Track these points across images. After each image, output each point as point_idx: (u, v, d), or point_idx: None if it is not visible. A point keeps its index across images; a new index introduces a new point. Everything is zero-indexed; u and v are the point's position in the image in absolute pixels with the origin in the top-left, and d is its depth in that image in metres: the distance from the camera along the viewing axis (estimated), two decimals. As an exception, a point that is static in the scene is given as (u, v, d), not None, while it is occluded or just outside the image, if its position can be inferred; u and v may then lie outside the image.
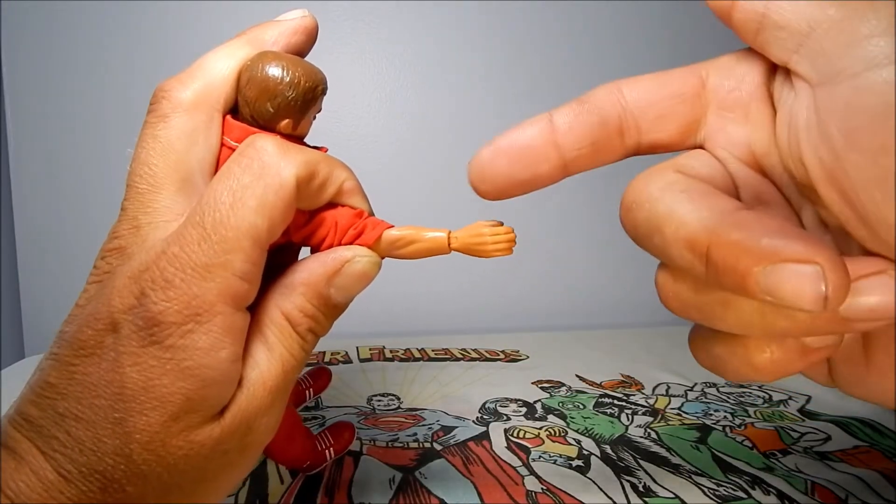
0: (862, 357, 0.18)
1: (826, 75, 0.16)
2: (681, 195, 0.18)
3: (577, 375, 0.62)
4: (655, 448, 0.44)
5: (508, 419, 0.49)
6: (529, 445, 0.44)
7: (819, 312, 0.14)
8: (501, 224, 0.22)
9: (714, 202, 0.17)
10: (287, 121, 0.21)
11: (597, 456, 0.42)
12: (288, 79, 0.21)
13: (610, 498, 0.36)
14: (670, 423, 0.49)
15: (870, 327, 0.16)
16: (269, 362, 0.20)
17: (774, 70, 0.19)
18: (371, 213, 0.23)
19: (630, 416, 0.50)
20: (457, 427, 0.47)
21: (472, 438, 0.45)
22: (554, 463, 0.41)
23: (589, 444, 0.44)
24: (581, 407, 0.53)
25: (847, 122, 0.16)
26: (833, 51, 0.16)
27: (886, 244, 0.16)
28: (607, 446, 0.44)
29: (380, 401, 0.53)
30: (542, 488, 0.37)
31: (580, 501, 0.36)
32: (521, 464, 0.41)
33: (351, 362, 0.66)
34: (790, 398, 0.55)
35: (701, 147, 0.21)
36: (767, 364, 0.18)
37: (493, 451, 0.43)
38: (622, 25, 0.92)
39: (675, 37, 0.93)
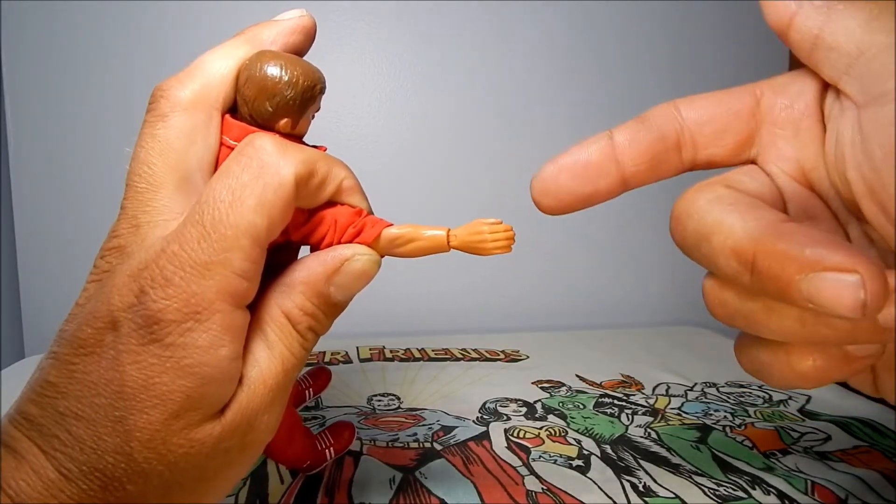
0: None
1: (872, 96, 0.17)
2: (729, 207, 0.19)
3: (578, 375, 0.62)
4: (655, 448, 0.44)
5: (508, 419, 0.49)
6: (529, 445, 0.44)
7: (858, 320, 0.15)
8: (500, 222, 0.22)
9: (761, 214, 0.18)
10: (286, 120, 0.21)
11: (597, 456, 0.42)
12: (286, 78, 0.21)
13: (610, 498, 0.36)
14: (670, 422, 0.49)
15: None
16: (269, 360, 0.20)
17: (826, 89, 0.20)
18: (370, 212, 0.23)
19: (630, 416, 0.50)
20: (457, 427, 0.47)
21: (472, 438, 0.45)
22: (554, 463, 0.41)
23: (589, 444, 0.44)
24: (581, 407, 0.53)
25: (888, 140, 0.17)
26: (879, 74, 0.17)
27: None
28: (607, 446, 0.44)
29: (380, 401, 0.53)
30: (542, 488, 0.37)
31: (580, 501, 0.36)
32: (521, 464, 0.41)
33: (351, 362, 0.66)
34: (790, 398, 0.55)
35: (753, 162, 0.22)
36: (811, 371, 0.18)
37: (494, 451, 0.43)
38: (621, 25, 0.92)
39: (676, 37, 0.94)
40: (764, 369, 0.20)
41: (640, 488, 0.37)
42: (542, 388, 0.58)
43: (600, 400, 0.54)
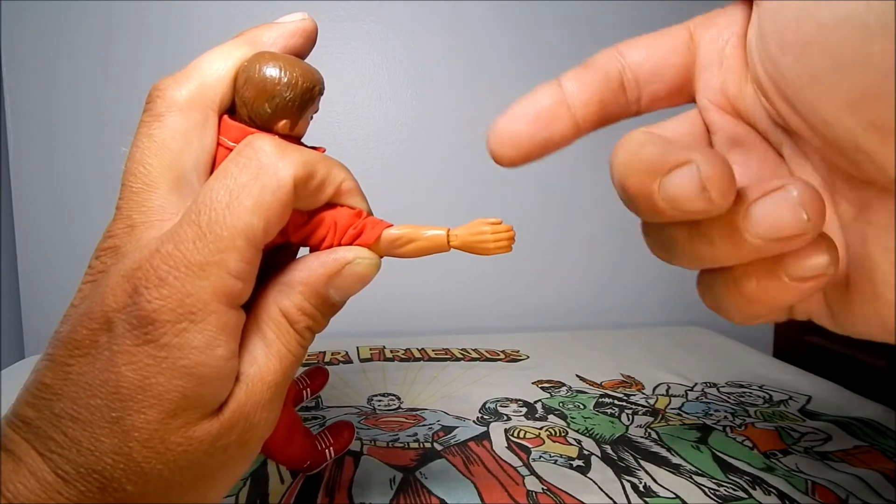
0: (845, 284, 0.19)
1: None
2: (627, 144, 0.19)
3: (578, 375, 0.62)
4: (656, 448, 0.44)
5: (509, 419, 0.49)
6: (530, 445, 0.44)
7: (710, 209, 0.15)
8: (501, 222, 0.22)
9: (639, 145, 0.18)
10: (285, 121, 0.21)
11: (597, 456, 0.42)
12: (286, 79, 0.21)
13: (610, 498, 0.36)
14: (671, 423, 0.49)
15: (785, 248, 0.16)
16: (266, 358, 0.20)
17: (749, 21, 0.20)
18: (370, 213, 0.23)
19: (630, 417, 0.50)
20: (457, 427, 0.47)
21: (472, 438, 0.45)
22: (554, 463, 0.41)
23: (589, 444, 0.44)
24: (581, 407, 0.53)
25: (776, 25, 0.17)
26: None
27: (832, 145, 0.17)
28: (608, 446, 0.44)
29: (380, 401, 0.53)
30: (542, 488, 0.37)
31: (581, 501, 0.36)
32: (521, 464, 0.41)
33: (351, 362, 0.65)
34: (790, 398, 0.55)
35: (694, 99, 0.22)
36: (756, 292, 0.18)
37: (494, 451, 0.43)
38: (621, 19, 0.92)
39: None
40: (721, 302, 0.19)
41: (641, 488, 0.37)
42: (542, 388, 0.58)
43: (601, 400, 0.54)
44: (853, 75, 0.15)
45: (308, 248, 0.22)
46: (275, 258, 0.22)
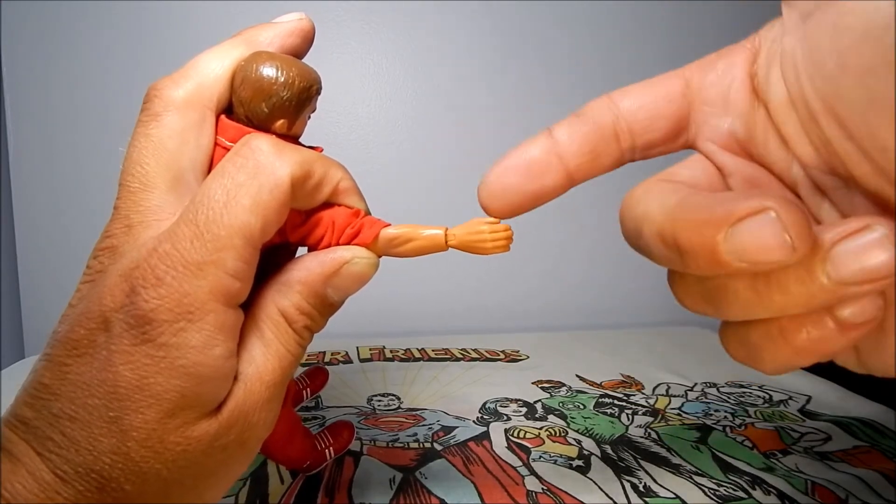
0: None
1: (815, 3, 0.17)
2: (655, 195, 0.18)
3: (578, 375, 0.62)
4: (656, 448, 0.44)
5: (509, 419, 0.49)
6: (530, 445, 0.44)
7: (789, 260, 0.14)
8: (499, 222, 0.22)
9: (679, 194, 0.18)
10: (282, 121, 0.21)
11: (597, 456, 0.42)
12: (283, 79, 0.21)
13: (610, 498, 0.36)
14: (670, 423, 0.49)
15: (870, 290, 0.15)
16: (265, 357, 0.20)
17: (756, 57, 0.20)
18: (367, 212, 0.23)
19: (630, 417, 0.50)
20: (457, 427, 0.47)
21: (472, 438, 0.45)
22: (554, 463, 0.41)
23: (589, 445, 0.44)
24: (581, 407, 0.53)
25: (835, 44, 0.16)
26: None
27: (885, 173, 0.16)
28: (608, 446, 0.44)
29: (380, 401, 0.53)
30: (542, 488, 0.37)
31: (581, 501, 0.36)
32: (521, 464, 0.41)
33: (351, 362, 0.65)
34: (790, 398, 0.55)
35: (693, 146, 0.22)
36: (806, 343, 0.16)
37: (494, 451, 0.43)
38: (621, 25, 0.92)
39: (674, 39, 0.93)
40: (757, 353, 0.18)
41: (641, 488, 0.37)
42: (542, 388, 0.58)
43: (600, 400, 0.54)
44: None
45: (306, 248, 0.22)
46: (273, 258, 0.22)
